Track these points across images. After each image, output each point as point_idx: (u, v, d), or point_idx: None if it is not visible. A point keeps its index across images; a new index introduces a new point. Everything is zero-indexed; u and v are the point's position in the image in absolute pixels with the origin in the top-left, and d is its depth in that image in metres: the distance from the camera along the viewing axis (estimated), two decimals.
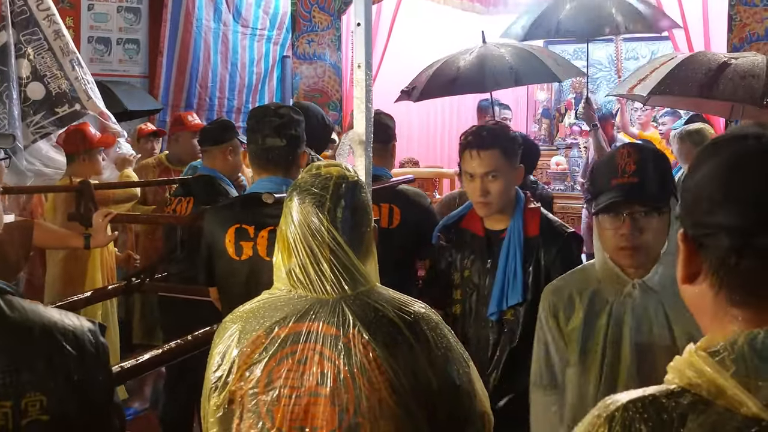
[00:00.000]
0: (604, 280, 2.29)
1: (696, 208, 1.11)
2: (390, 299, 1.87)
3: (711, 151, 1.13)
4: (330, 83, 7.30)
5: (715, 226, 1.07)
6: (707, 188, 1.09)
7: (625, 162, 2.17)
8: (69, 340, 1.46)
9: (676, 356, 1.10)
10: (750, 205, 1.05)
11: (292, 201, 1.89)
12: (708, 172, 1.10)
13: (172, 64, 7.99)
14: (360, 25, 2.61)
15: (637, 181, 2.14)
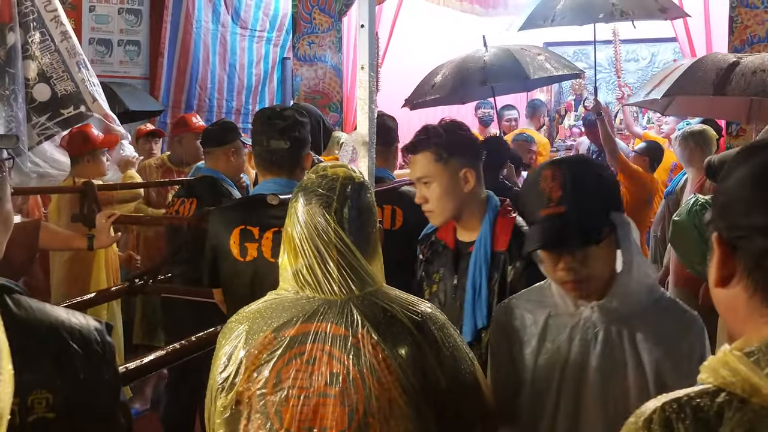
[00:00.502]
0: (561, 303, 2.02)
1: (731, 211, 1.12)
2: (397, 299, 1.89)
3: (746, 155, 1.15)
4: (331, 85, 7.30)
5: (750, 228, 1.09)
6: (743, 191, 1.11)
7: (549, 187, 1.87)
8: (76, 338, 1.46)
9: (709, 357, 1.10)
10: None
11: (298, 202, 1.90)
12: (743, 175, 1.12)
13: (172, 65, 8.00)
14: (363, 26, 2.63)
15: (564, 211, 1.84)
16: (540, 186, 1.87)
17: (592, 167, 1.96)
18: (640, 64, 10.03)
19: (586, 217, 1.84)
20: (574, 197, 1.84)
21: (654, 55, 9.90)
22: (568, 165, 1.91)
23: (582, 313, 1.98)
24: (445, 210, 2.60)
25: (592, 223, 1.85)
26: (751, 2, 5.74)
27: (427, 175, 2.59)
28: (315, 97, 7.30)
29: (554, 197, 1.84)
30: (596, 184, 1.88)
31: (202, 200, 4.16)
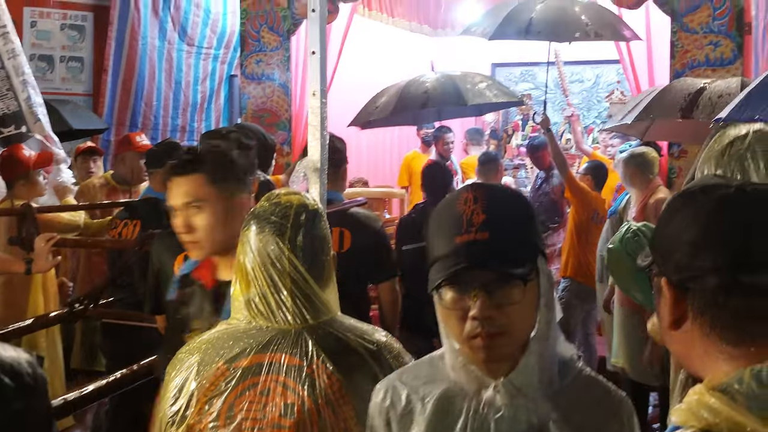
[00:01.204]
0: (457, 379, 1.58)
1: (677, 255, 1.15)
2: (352, 328, 1.87)
3: (685, 200, 1.20)
4: (279, 103, 7.26)
5: (700, 269, 1.12)
6: (687, 235, 1.15)
7: (471, 210, 1.47)
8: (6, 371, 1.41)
9: (685, 400, 1.11)
10: (733, 246, 1.11)
11: (250, 229, 1.87)
12: (688, 218, 1.16)
13: (117, 82, 7.87)
14: (315, 53, 2.61)
15: (489, 237, 1.44)
16: (457, 209, 1.48)
17: (518, 193, 1.69)
18: (585, 85, 10.19)
19: (514, 247, 1.46)
20: (501, 222, 1.46)
21: (598, 77, 10.07)
22: (492, 188, 1.57)
23: (483, 394, 1.54)
24: (215, 242, 2.30)
25: (522, 255, 1.47)
26: (692, 27, 5.87)
27: (198, 199, 2.29)
28: (263, 116, 7.25)
29: (476, 221, 1.45)
30: (525, 213, 1.54)
31: (145, 222, 4.09)
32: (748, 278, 1.10)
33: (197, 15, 8.41)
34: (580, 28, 5.86)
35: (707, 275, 1.11)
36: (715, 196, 1.17)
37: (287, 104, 7.22)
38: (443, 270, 1.45)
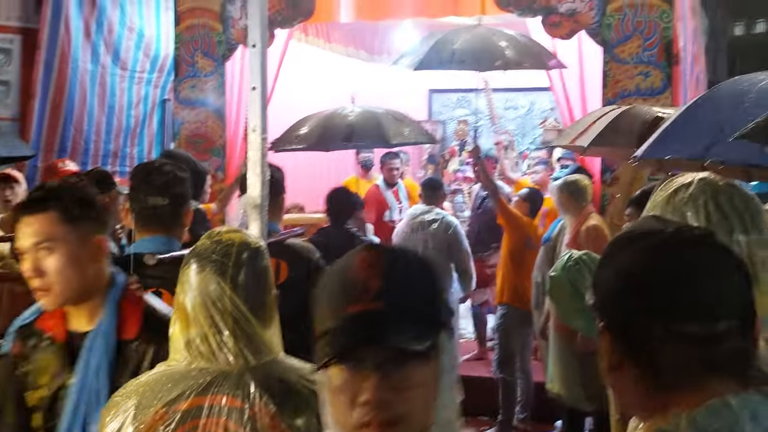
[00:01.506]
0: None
1: (613, 300, 1.17)
2: (294, 368, 1.84)
3: (622, 244, 1.22)
4: (213, 129, 7.18)
5: (633, 316, 1.15)
6: (622, 281, 1.17)
7: (366, 275, 1.21)
8: None
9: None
10: (663, 295, 1.13)
11: (191, 268, 1.83)
12: (624, 263, 1.18)
13: (45, 106, 7.68)
14: (255, 89, 2.59)
15: (385, 307, 1.19)
16: (352, 273, 1.23)
17: (425, 259, 1.35)
18: (519, 112, 10.37)
19: (416, 319, 1.20)
20: (401, 290, 1.21)
21: (532, 104, 10.26)
22: (393, 251, 1.32)
23: None
24: (69, 288, 2.05)
25: (424, 330, 1.21)
26: (623, 58, 6.02)
27: (49, 239, 2.03)
28: (197, 141, 7.17)
29: (371, 288, 1.19)
30: (431, 281, 1.27)
31: None
32: (678, 327, 1.12)
33: (130, 38, 8.29)
34: (501, 57, 6.02)
35: (639, 323, 1.14)
36: (649, 242, 1.19)
37: (221, 130, 7.16)
38: (330, 345, 1.21)
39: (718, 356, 1.13)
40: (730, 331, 1.13)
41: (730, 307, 1.14)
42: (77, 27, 7.80)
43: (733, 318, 1.13)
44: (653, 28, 5.96)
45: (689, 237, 1.18)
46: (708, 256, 1.17)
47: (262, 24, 2.59)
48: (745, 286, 1.16)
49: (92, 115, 8.04)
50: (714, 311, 1.13)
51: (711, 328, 1.12)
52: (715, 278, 1.15)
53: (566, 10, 6.12)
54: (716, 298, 1.14)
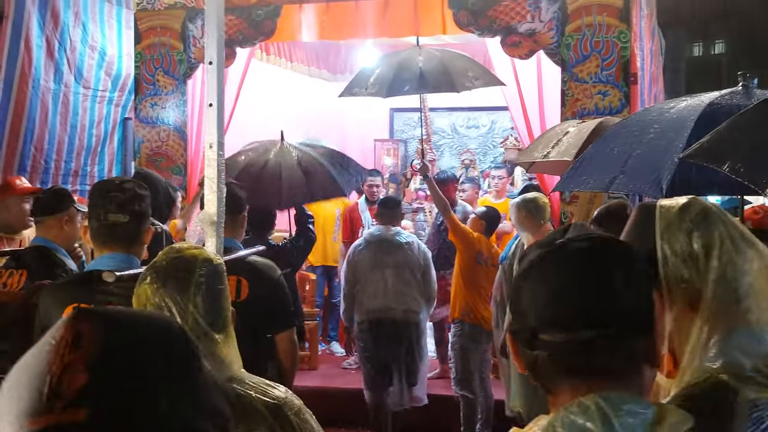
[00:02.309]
0: None
1: (510, 308, 1.27)
2: (252, 385, 1.84)
3: (525, 255, 1.29)
4: (174, 147, 7.16)
5: (515, 322, 1.24)
6: (512, 289, 1.27)
7: (63, 363, 0.78)
8: None
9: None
10: (536, 307, 1.21)
11: (150, 284, 1.83)
12: (518, 274, 1.27)
13: (4, 125, 7.57)
14: (212, 105, 2.59)
15: (87, 419, 0.74)
16: (44, 362, 0.81)
17: (169, 323, 0.92)
18: (481, 130, 10.48)
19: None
20: (119, 387, 0.78)
21: (494, 123, 10.37)
22: (114, 319, 0.86)
23: None
24: None
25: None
26: (581, 77, 6.11)
27: None
28: (157, 160, 7.13)
29: (68, 388, 0.76)
30: (177, 365, 0.83)
31: (32, 271, 3.92)
32: (544, 339, 1.19)
33: (92, 57, 8.23)
34: (467, 78, 6.26)
35: (521, 332, 1.22)
36: (533, 254, 1.26)
37: (183, 149, 7.13)
38: None
39: (582, 363, 1.18)
40: (593, 340, 1.16)
41: (595, 316, 1.17)
42: (39, 45, 7.72)
43: (598, 327, 1.17)
44: (611, 48, 6.07)
45: (567, 250, 1.22)
46: (580, 268, 1.21)
47: (219, 41, 2.59)
48: (625, 295, 1.19)
49: (53, 134, 7.95)
50: (575, 321, 1.17)
51: (571, 337, 1.17)
52: (583, 289, 1.19)
53: (526, 30, 6.21)
54: (580, 309, 1.18)
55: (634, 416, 1.14)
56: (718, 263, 1.54)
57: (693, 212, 1.59)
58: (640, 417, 1.14)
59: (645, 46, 6.84)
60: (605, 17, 6.06)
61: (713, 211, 1.59)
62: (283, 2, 6.75)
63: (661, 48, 9.42)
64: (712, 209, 1.60)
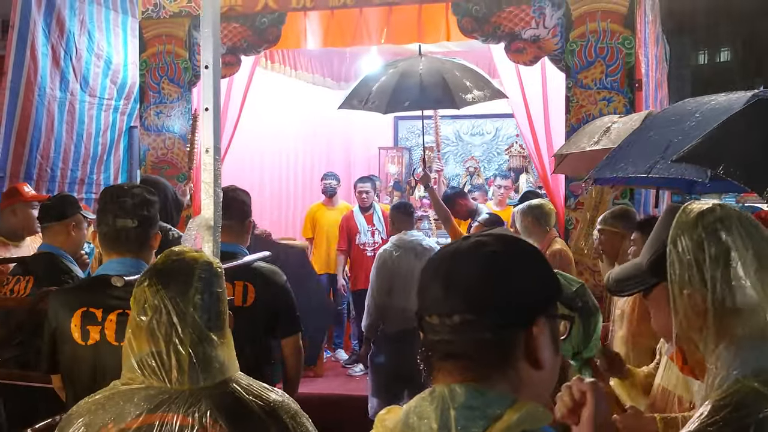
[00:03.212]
0: None
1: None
2: (249, 387, 1.84)
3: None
4: (179, 155, 7.17)
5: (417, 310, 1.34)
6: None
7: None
8: None
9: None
10: (422, 292, 1.32)
11: (150, 286, 1.83)
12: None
13: (10, 133, 7.59)
14: (208, 109, 2.59)
15: None
16: None
17: None
18: (485, 138, 10.48)
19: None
20: None
21: (498, 130, 10.37)
22: None
23: None
24: None
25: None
26: (586, 83, 6.11)
27: None
28: (163, 168, 7.15)
29: None
30: None
31: (39, 278, 3.94)
32: (427, 319, 1.29)
33: (98, 65, 8.26)
34: (469, 92, 6.29)
35: (417, 317, 1.33)
36: (440, 250, 1.37)
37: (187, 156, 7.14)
38: None
39: (448, 349, 1.27)
40: (464, 324, 1.25)
41: (469, 304, 1.25)
42: (44, 53, 7.75)
43: (469, 313, 1.25)
44: (615, 54, 6.07)
45: (462, 247, 1.32)
46: (464, 262, 1.29)
47: (215, 45, 2.59)
48: (499, 290, 1.27)
49: (59, 142, 7.98)
50: (448, 307, 1.26)
51: (447, 321, 1.26)
52: (441, 280, 1.28)
53: (530, 36, 6.22)
54: (452, 296, 1.27)
55: (472, 410, 1.20)
56: (722, 275, 1.54)
57: (709, 220, 1.60)
58: (479, 412, 1.20)
59: (650, 52, 6.85)
60: (609, 23, 6.07)
61: (734, 220, 1.59)
62: (288, 9, 6.76)
63: (666, 55, 9.43)
64: (734, 218, 1.60)
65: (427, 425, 1.21)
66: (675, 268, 1.59)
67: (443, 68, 6.47)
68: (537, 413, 1.22)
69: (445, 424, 1.20)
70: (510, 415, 1.19)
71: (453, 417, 1.20)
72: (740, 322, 1.53)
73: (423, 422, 1.22)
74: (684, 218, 1.61)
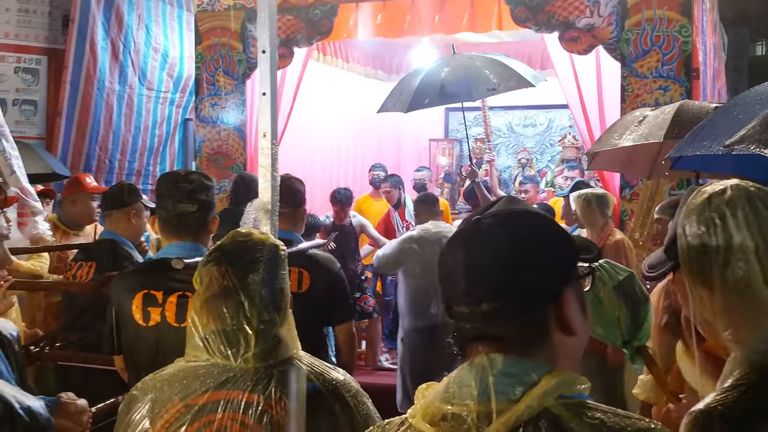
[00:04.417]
0: None
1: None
2: (311, 366, 1.87)
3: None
4: (234, 146, 7.26)
5: (442, 296, 1.34)
6: (438, 264, 1.35)
7: None
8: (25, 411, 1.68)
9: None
10: (445, 281, 1.32)
11: (217, 265, 1.86)
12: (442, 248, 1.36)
13: (71, 126, 7.79)
14: (265, 94, 2.63)
15: None
16: None
17: None
18: (538, 129, 10.39)
19: None
20: None
21: (551, 121, 10.28)
22: None
23: None
24: None
25: None
26: (641, 72, 6.03)
27: None
28: (218, 159, 7.25)
29: None
30: None
31: (101, 263, 4.04)
32: (456, 308, 1.30)
33: (155, 59, 8.42)
34: (488, 83, 6.31)
35: (444, 304, 1.34)
36: (456, 229, 1.39)
37: (242, 147, 7.23)
38: None
39: (484, 332, 1.27)
40: (493, 312, 1.26)
41: (495, 292, 1.26)
42: (103, 48, 7.93)
43: (494, 301, 1.26)
44: (672, 42, 5.97)
45: (477, 226, 1.32)
46: (482, 249, 1.29)
47: (271, 30, 2.62)
48: (522, 269, 1.27)
49: (118, 135, 8.16)
50: (473, 295, 1.27)
51: (476, 309, 1.26)
52: (464, 271, 1.29)
53: (584, 25, 6.15)
54: (478, 287, 1.27)
55: (510, 377, 1.23)
56: (726, 257, 1.53)
57: (717, 202, 1.57)
58: (517, 378, 1.23)
59: (707, 40, 6.72)
60: (666, 11, 5.98)
61: (744, 201, 1.56)
62: (340, 1, 6.80)
63: (723, 44, 9.25)
64: (743, 199, 1.56)
65: (467, 392, 1.24)
66: (685, 252, 1.58)
67: (468, 63, 6.54)
68: (574, 380, 1.25)
69: (484, 390, 1.23)
70: (547, 381, 1.22)
71: (492, 383, 1.23)
72: (749, 303, 1.51)
73: (463, 390, 1.25)
74: (694, 200, 1.60)
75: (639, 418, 1.24)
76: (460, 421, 1.23)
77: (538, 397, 1.21)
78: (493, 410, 1.21)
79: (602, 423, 1.21)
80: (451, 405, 1.25)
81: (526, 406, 1.20)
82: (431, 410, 1.27)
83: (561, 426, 1.20)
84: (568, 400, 1.23)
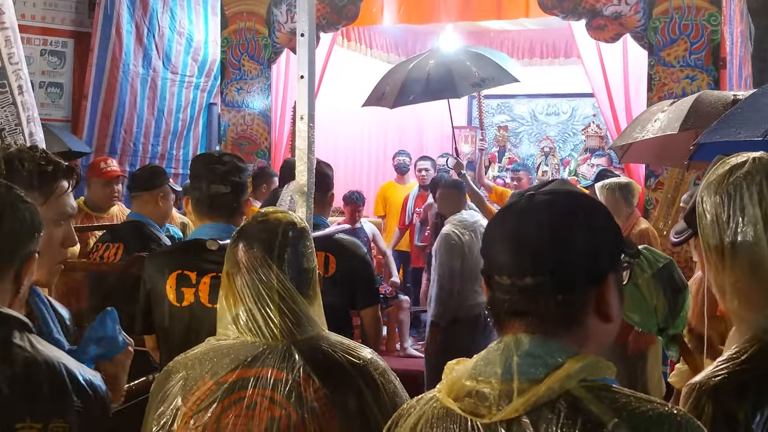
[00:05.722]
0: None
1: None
2: (339, 344, 1.88)
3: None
4: (258, 131, 7.29)
5: (484, 266, 1.37)
6: (484, 235, 1.39)
7: None
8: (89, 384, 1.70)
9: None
10: (489, 253, 1.34)
11: (238, 247, 1.89)
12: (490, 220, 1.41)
13: (96, 108, 7.84)
14: (303, 77, 2.64)
15: None
16: None
17: None
18: (561, 117, 10.35)
19: None
20: None
21: (574, 110, 10.23)
22: None
23: None
24: None
25: None
26: (668, 61, 5.99)
27: None
28: (242, 144, 7.27)
29: None
30: None
31: (128, 245, 4.07)
32: (497, 279, 1.31)
33: (180, 43, 8.44)
34: (473, 79, 6.34)
35: (484, 274, 1.36)
36: (502, 209, 1.41)
37: (267, 132, 7.25)
38: None
39: (520, 307, 1.29)
40: (532, 286, 1.28)
41: (531, 265, 1.28)
42: (129, 31, 7.97)
43: (534, 275, 1.28)
44: (701, 31, 5.93)
45: (530, 201, 1.33)
46: (533, 222, 1.31)
47: (309, 13, 2.63)
48: (568, 248, 1.29)
49: (142, 118, 8.20)
50: (516, 267, 1.29)
51: (518, 282, 1.29)
52: (512, 241, 1.31)
53: (611, 13, 6.11)
54: (525, 258, 1.29)
55: (534, 358, 1.26)
56: (736, 231, 1.53)
57: (737, 175, 1.57)
58: (541, 360, 1.26)
59: (735, 29, 6.66)
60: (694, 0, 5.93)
61: (762, 174, 1.56)
62: None
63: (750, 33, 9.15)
64: (762, 173, 1.57)
65: (491, 370, 1.28)
66: (702, 221, 1.60)
67: (452, 58, 6.55)
68: (599, 365, 1.27)
69: (508, 370, 1.26)
70: (571, 364, 1.25)
71: (516, 363, 1.26)
72: (757, 279, 1.52)
73: (488, 368, 1.29)
74: (717, 171, 1.60)
75: (662, 403, 1.24)
76: (483, 399, 1.27)
77: (560, 379, 1.24)
78: (514, 390, 1.24)
79: (623, 406, 1.22)
80: (476, 382, 1.29)
81: (547, 387, 1.23)
82: (457, 386, 1.31)
83: (579, 407, 1.22)
84: (591, 383, 1.25)
